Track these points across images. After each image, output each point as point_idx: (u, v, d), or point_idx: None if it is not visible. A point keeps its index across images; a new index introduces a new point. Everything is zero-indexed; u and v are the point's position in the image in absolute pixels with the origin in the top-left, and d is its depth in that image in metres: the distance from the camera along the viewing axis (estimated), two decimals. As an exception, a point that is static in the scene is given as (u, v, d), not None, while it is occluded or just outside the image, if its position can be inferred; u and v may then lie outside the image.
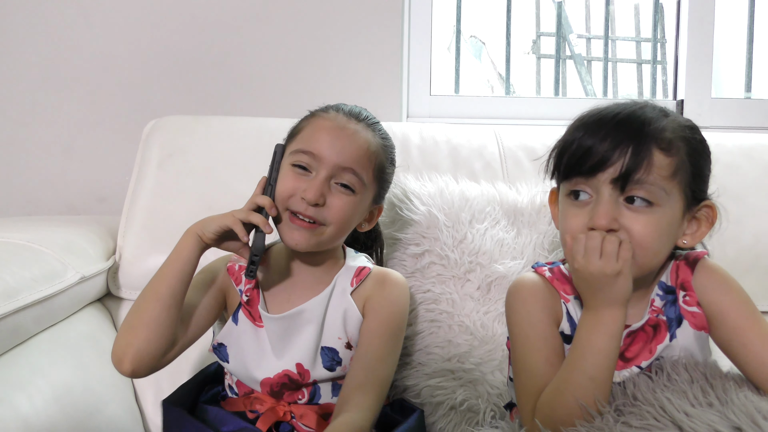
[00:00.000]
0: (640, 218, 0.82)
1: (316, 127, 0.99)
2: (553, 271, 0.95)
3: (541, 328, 0.89)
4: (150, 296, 0.93)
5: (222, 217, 0.93)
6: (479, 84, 3.09)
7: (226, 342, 1.02)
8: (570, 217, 0.86)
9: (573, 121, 0.92)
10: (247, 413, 1.00)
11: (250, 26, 1.76)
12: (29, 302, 1.02)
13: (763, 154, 1.46)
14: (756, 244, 1.36)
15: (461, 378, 1.13)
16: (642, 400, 0.79)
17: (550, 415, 0.81)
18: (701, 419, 0.72)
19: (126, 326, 0.93)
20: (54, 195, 1.79)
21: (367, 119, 1.02)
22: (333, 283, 1.02)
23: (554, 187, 0.96)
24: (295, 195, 0.95)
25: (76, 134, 1.78)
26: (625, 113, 0.85)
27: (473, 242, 1.21)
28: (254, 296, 1.01)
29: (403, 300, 1.03)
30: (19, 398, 0.96)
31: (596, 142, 0.83)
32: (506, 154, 1.44)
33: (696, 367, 0.84)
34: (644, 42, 2.95)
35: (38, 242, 1.18)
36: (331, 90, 1.74)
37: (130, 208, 1.39)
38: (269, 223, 0.94)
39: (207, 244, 0.95)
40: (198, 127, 1.47)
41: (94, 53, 1.76)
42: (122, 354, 0.91)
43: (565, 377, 0.82)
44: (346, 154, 0.96)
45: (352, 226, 1.01)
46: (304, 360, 0.98)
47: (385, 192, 1.07)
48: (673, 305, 0.90)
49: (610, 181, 0.82)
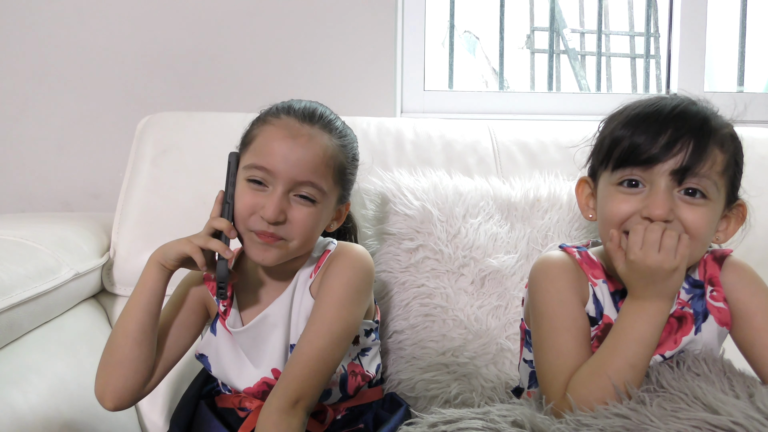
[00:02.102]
0: (695, 210, 0.83)
1: (267, 138, 0.93)
2: (581, 254, 0.95)
3: (571, 308, 0.89)
4: (120, 333, 0.94)
5: (180, 244, 0.91)
6: (474, 79, 3.09)
7: (206, 353, 1.02)
8: (618, 203, 0.86)
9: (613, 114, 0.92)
10: (237, 411, 1.01)
11: (244, 22, 1.76)
12: (23, 299, 1.03)
13: (756, 148, 1.47)
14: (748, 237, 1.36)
15: (455, 372, 1.14)
16: (668, 387, 0.79)
17: (586, 395, 0.81)
18: (734, 405, 0.72)
19: (102, 364, 0.95)
20: (48, 191, 1.79)
21: (323, 117, 0.96)
22: (295, 278, 0.99)
23: (583, 176, 0.97)
24: (255, 213, 0.91)
25: (69, 131, 1.77)
26: (682, 107, 0.85)
27: (467, 237, 1.21)
28: (228, 308, 1.00)
29: (354, 272, 0.96)
30: (13, 394, 0.96)
31: (655, 135, 0.83)
32: (500, 149, 1.45)
33: (715, 363, 0.85)
34: (638, 36, 2.95)
35: (32, 239, 1.18)
36: (324, 85, 1.74)
37: (124, 204, 1.38)
38: (229, 247, 0.91)
39: (171, 271, 0.94)
40: (192, 123, 1.46)
41: (87, 49, 1.76)
42: (102, 393, 0.94)
43: (604, 360, 0.82)
44: (301, 166, 0.91)
45: (318, 234, 0.98)
46: (278, 364, 0.97)
47: (350, 190, 1.03)
48: (700, 299, 0.91)
49: (670, 172, 0.82)
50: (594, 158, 0.94)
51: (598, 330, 0.91)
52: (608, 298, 0.91)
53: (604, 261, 0.94)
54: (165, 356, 0.98)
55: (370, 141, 1.42)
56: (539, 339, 0.91)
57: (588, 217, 0.96)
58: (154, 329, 0.95)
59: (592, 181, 0.95)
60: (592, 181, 0.95)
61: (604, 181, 0.90)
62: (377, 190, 1.28)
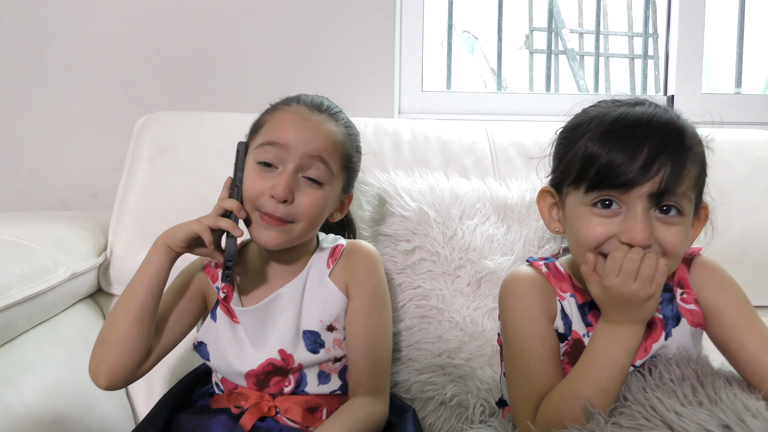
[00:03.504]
0: (671, 229, 0.81)
1: (279, 119, 0.98)
2: (548, 266, 0.93)
3: (539, 328, 0.88)
4: (120, 311, 0.94)
5: (190, 225, 0.92)
6: (473, 79, 3.08)
7: (206, 340, 1.02)
8: (594, 226, 0.82)
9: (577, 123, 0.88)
10: (232, 409, 1.00)
11: (242, 22, 1.76)
12: (19, 299, 1.03)
13: (753, 150, 1.47)
14: (744, 239, 1.37)
15: (451, 373, 1.14)
16: (632, 400, 0.79)
17: (556, 420, 0.80)
18: (691, 418, 0.73)
19: (99, 341, 0.95)
20: (45, 190, 1.79)
21: (330, 109, 1.01)
22: (308, 266, 1.02)
23: (545, 187, 0.94)
24: (264, 194, 0.93)
25: (67, 130, 1.77)
26: (656, 120, 0.82)
27: (463, 238, 1.21)
28: (230, 293, 1.01)
29: (380, 269, 1.04)
30: (9, 394, 0.96)
31: (631, 156, 0.79)
32: (497, 150, 1.45)
33: (688, 365, 0.85)
34: (636, 37, 2.95)
35: (28, 238, 1.18)
36: (322, 86, 1.73)
37: (121, 204, 1.38)
38: (239, 225, 0.93)
39: (177, 253, 0.95)
40: (189, 123, 1.46)
41: (85, 49, 1.76)
42: (96, 369, 0.94)
43: (575, 385, 0.81)
44: (313, 143, 0.95)
45: (323, 219, 1.00)
46: (286, 345, 0.98)
47: (354, 180, 1.06)
48: (669, 303, 0.90)
49: (648, 195, 0.79)
50: (561, 173, 0.89)
51: (567, 346, 0.90)
52: (576, 312, 0.90)
53: (572, 271, 0.93)
54: (162, 341, 0.98)
55: (368, 142, 1.42)
56: (509, 360, 0.91)
57: (554, 231, 0.93)
58: (154, 311, 0.95)
59: (556, 192, 0.92)
60: (556, 192, 0.92)
61: (574, 200, 0.86)
62: (374, 191, 1.28)
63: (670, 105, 1.87)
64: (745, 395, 0.77)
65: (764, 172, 1.44)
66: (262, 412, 0.98)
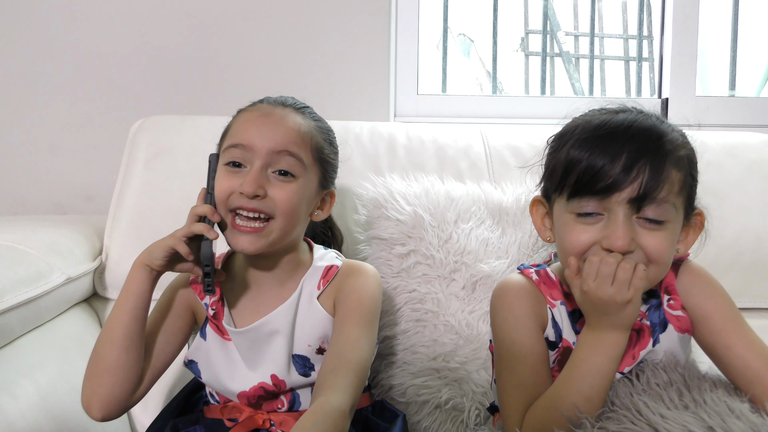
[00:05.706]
0: (655, 236, 0.81)
1: (242, 121, 0.98)
2: (539, 273, 0.93)
3: (528, 336, 0.88)
4: (106, 340, 0.92)
5: (164, 240, 0.91)
6: (469, 82, 3.09)
7: (196, 358, 1.00)
8: (577, 233, 0.83)
9: (563, 132, 0.89)
10: (225, 422, 0.99)
11: (237, 26, 1.76)
12: (14, 304, 1.02)
13: (746, 152, 1.48)
14: (737, 241, 1.37)
15: (446, 377, 1.14)
16: (619, 405, 0.80)
17: (541, 430, 0.81)
18: (676, 421, 0.74)
19: (88, 373, 0.93)
20: (41, 194, 1.79)
21: (295, 104, 1.01)
22: (299, 287, 0.99)
23: (536, 196, 0.94)
24: (233, 192, 0.92)
25: (62, 133, 1.77)
26: (636, 126, 0.82)
27: (458, 242, 1.22)
28: (219, 309, 0.99)
29: (373, 286, 1.00)
30: (4, 400, 0.96)
31: (610, 161, 0.79)
32: (492, 153, 1.45)
33: (675, 369, 0.85)
34: (631, 39, 2.97)
35: (24, 243, 1.18)
36: (317, 89, 1.74)
37: (116, 208, 1.38)
38: (214, 228, 0.91)
39: (158, 272, 0.93)
40: (185, 126, 1.46)
41: (81, 52, 1.75)
42: (89, 402, 0.92)
43: (559, 394, 0.82)
44: (277, 138, 0.93)
45: (302, 215, 0.97)
46: (278, 371, 0.96)
47: (332, 176, 1.04)
48: (657, 310, 0.90)
49: (628, 200, 0.79)
50: (547, 181, 0.91)
51: (558, 354, 0.90)
52: (566, 320, 0.90)
53: (563, 278, 0.93)
54: (153, 363, 0.96)
55: (363, 146, 1.43)
56: (499, 368, 0.91)
57: (546, 239, 0.93)
58: (141, 335, 0.93)
59: (546, 202, 0.92)
60: (546, 202, 0.92)
61: (559, 207, 0.87)
62: (369, 195, 1.28)
63: (664, 108, 1.88)
64: (729, 398, 0.78)
65: (758, 174, 1.44)
66: (256, 424, 0.97)
